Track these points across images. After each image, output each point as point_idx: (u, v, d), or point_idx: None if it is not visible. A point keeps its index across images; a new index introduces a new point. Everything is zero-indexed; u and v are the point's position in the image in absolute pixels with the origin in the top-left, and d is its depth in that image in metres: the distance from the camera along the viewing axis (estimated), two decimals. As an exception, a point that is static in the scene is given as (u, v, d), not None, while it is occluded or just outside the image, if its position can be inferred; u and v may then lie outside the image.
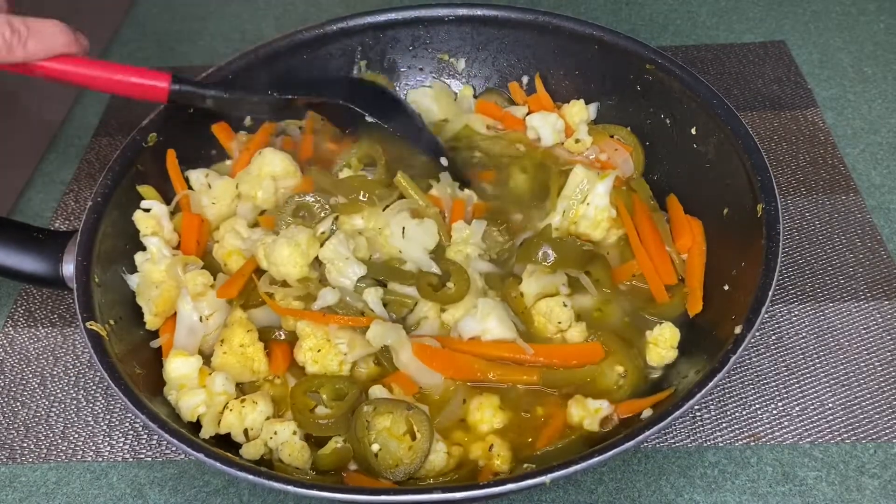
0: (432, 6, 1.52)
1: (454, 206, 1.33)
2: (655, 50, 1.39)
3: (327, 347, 1.15)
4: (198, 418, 1.11)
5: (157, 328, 1.21)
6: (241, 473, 0.95)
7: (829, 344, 1.27)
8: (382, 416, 1.08)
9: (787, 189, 1.49)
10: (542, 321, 1.21)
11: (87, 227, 1.19)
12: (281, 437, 1.09)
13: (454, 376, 1.16)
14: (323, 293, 1.19)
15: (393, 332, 1.15)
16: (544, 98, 1.52)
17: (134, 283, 1.23)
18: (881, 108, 1.65)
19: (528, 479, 0.93)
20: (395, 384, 1.15)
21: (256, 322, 1.22)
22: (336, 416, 1.09)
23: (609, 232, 1.33)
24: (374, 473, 1.06)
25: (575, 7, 1.94)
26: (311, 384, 1.14)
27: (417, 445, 1.06)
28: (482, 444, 1.10)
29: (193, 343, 1.19)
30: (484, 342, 1.18)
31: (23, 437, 1.23)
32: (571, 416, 1.12)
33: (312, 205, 1.30)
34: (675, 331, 1.19)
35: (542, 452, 1.09)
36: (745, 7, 1.91)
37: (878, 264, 1.37)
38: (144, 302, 1.21)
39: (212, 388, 1.12)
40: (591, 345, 1.18)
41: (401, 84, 1.59)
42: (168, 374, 1.13)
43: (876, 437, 1.17)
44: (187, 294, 1.19)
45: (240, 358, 1.16)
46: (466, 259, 1.26)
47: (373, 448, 1.07)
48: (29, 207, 1.57)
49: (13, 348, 1.33)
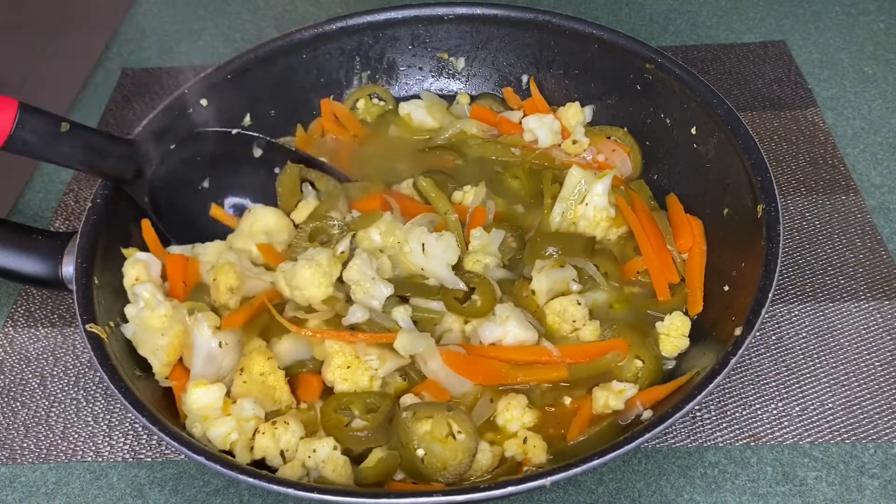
0: (432, 5, 1.52)
1: (475, 213, 1.34)
2: (655, 49, 1.39)
3: (356, 364, 1.13)
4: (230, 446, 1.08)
5: (167, 376, 1.16)
6: (243, 476, 0.95)
7: (829, 344, 1.27)
8: (422, 421, 1.07)
9: (787, 189, 1.49)
10: (557, 320, 1.21)
11: (87, 228, 1.19)
12: (321, 455, 1.06)
13: (483, 382, 1.15)
14: (353, 310, 1.17)
15: (422, 340, 1.14)
16: (539, 101, 1.52)
17: (129, 332, 1.15)
18: (881, 108, 1.65)
19: (529, 481, 0.93)
20: (426, 392, 1.14)
21: (283, 359, 1.18)
22: (373, 428, 1.08)
23: (609, 231, 1.33)
24: (424, 479, 1.05)
25: (575, 7, 1.94)
26: (341, 401, 1.11)
27: (464, 445, 1.05)
28: (516, 440, 1.10)
29: (213, 370, 1.14)
30: (510, 347, 1.17)
31: (23, 437, 1.23)
32: (597, 403, 1.13)
33: (328, 227, 1.28)
34: (685, 319, 1.20)
35: (575, 443, 1.09)
36: (745, 7, 1.91)
37: (878, 264, 1.37)
38: (150, 352, 1.14)
39: (240, 414, 1.08)
40: (615, 341, 1.18)
41: (400, 83, 1.59)
42: (189, 406, 1.08)
43: (876, 437, 1.17)
44: (203, 321, 1.14)
45: (261, 387, 1.12)
46: (485, 269, 1.26)
47: (418, 453, 1.05)
48: (29, 207, 1.57)
49: (13, 348, 1.33)
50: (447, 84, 1.60)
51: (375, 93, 1.58)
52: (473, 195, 1.37)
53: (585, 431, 1.10)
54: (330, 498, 0.93)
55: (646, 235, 1.29)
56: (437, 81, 1.60)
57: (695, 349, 1.19)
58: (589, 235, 1.30)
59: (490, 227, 1.31)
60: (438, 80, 1.60)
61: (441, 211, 1.33)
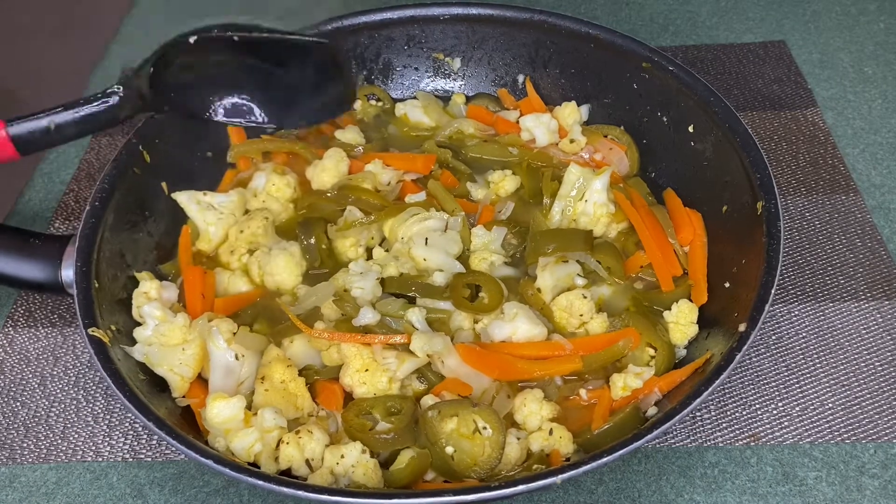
0: (427, 5, 1.52)
1: (483, 211, 1.35)
2: (652, 48, 1.40)
3: (374, 366, 1.13)
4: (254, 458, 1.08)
5: (185, 393, 1.15)
6: (249, 478, 0.94)
7: (829, 344, 1.27)
8: (448, 419, 1.07)
9: (787, 189, 1.49)
10: (564, 316, 1.21)
11: (86, 231, 1.18)
12: (349, 460, 1.05)
13: (501, 377, 1.15)
14: (363, 311, 1.19)
15: (438, 339, 1.15)
16: (535, 101, 1.53)
17: (139, 354, 1.14)
18: (881, 108, 1.65)
19: (539, 479, 0.93)
20: (446, 392, 1.13)
21: (296, 361, 1.18)
22: (399, 429, 1.08)
23: (609, 227, 1.33)
24: (456, 477, 1.05)
25: (575, 7, 1.94)
26: (362, 406, 1.11)
27: (492, 439, 1.05)
28: (541, 434, 1.09)
29: (232, 384, 1.14)
30: (524, 344, 1.18)
31: (23, 437, 1.23)
32: (616, 388, 1.13)
33: (356, 220, 1.31)
34: (691, 306, 1.20)
35: (600, 432, 1.09)
36: (745, 7, 1.91)
37: (878, 264, 1.37)
38: (170, 369, 1.13)
39: (262, 425, 1.07)
40: (626, 330, 1.19)
41: (396, 83, 1.59)
42: (210, 420, 1.07)
43: (876, 437, 1.17)
44: (219, 334, 1.14)
45: (283, 394, 1.12)
46: (491, 266, 1.28)
47: (448, 451, 1.05)
48: (29, 207, 1.57)
49: (13, 348, 1.33)
50: (443, 84, 1.60)
51: (372, 93, 1.58)
52: (483, 196, 1.40)
53: (609, 419, 1.10)
54: (330, 498, 0.93)
55: (647, 229, 1.30)
56: (433, 81, 1.60)
57: (700, 343, 1.19)
58: (587, 230, 1.31)
59: (491, 224, 1.31)
60: (435, 80, 1.60)
61: (448, 210, 1.34)
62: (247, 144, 1.46)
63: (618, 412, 1.11)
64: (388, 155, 1.44)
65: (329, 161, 1.40)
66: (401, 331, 1.18)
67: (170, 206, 1.35)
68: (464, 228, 1.30)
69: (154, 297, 1.20)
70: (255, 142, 1.46)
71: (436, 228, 1.28)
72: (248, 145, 1.46)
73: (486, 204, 1.38)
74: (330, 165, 1.40)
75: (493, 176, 1.42)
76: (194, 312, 1.21)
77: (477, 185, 1.42)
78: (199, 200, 1.34)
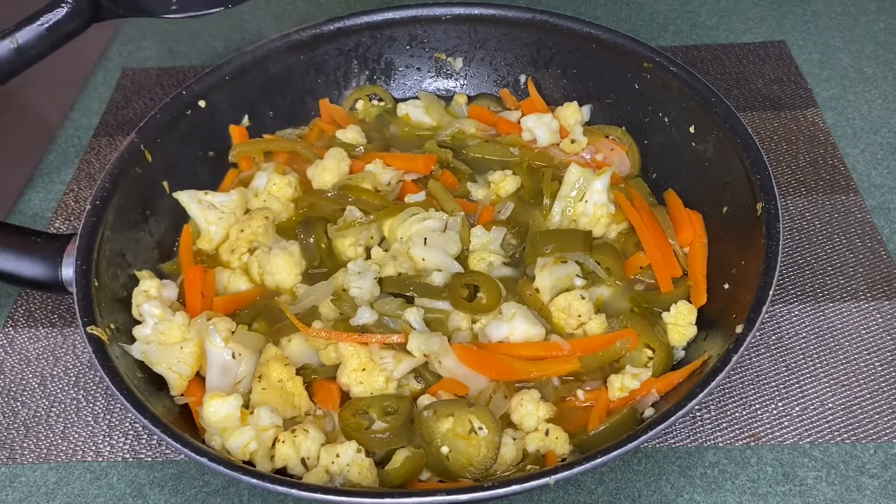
0: (429, 5, 1.52)
1: (483, 211, 1.35)
2: (653, 48, 1.40)
3: (371, 366, 1.13)
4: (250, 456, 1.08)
5: (183, 391, 1.15)
6: (246, 478, 0.94)
7: (829, 344, 1.27)
8: (444, 419, 1.07)
9: (787, 189, 1.49)
10: (563, 317, 1.21)
11: (86, 230, 1.18)
12: (345, 459, 1.05)
13: (498, 377, 1.15)
14: (361, 311, 1.19)
15: (435, 339, 1.15)
16: (537, 101, 1.53)
17: (137, 353, 1.14)
18: (881, 108, 1.65)
19: (533, 480, 0.93)
20: (442, 392, 1.13)
21: (294, 360, 1.18)
22: (394, 429, 1.08)
23: (609, 227, 1.33)
24: (451, 476, 1.05)
25: (575, 7, 1.94)
26: (359, 405, 1.11)
27: (487, 439, 1.05)
28: (537, 434, 1.10)
29: (228, 383, 1.14)
30: (522, 344, 1.17)
31: (23, 437, 1.23)
32: (613, 389, 1.13)
33: (355, 220, 1.31)
34: (690, 307, 1.20)
35: (596, 433, 1.09)
36: (745, 7, 1.91)
37: (878, 264, 1.37)
38: (168, 367, 1.14)
39: (258, 423, 1.07)
40: (624, 331, 1.19)
41: (398, 83, 1.59)
42: (207, 419, 1.07)
43: (876, 437, 1.17)
44: (216, 332, 1.14)
45: (280, 393, 1.13)
46: (490, 267, 1.28)
47: (443, 451, 1.05)
48: (29, 207, 1.57)
49: (13, 348, 1.33)
50: (445, 84, 1.60)
51: (374, 93, 1.58)
52: (483, 197, 1.39)
53: (605, 420, 1.10)
54: (330, 498, 0.93)
55: (646, 230, 1.30)
56: (434, 81, 1.60)
57: (699, 345, 1.19)
58: (586, 230, 1.31)
59: (490, 224, 1.31)
60: (436, 80, 1.60)
61: (448, 210, 1.34)
62: (248, 144, 1.46)
63: (614, 413, 1.11)
64: (388, 155, 1.44)
65: (330, 161, 1.40)
66: (398, 330, 1.18)
67: (171, 205, 1.35)
68: (463, 228, 1.30)
69: (154, 296, 1.20)
70: (256, 141, 1.47)
71: (435, 228, 1.29)
72: (250, 145, 1.46)
73: (485, 204, 1.38)
74: (331, 165, 1.40)
75: (494, 176, 1.42)
76: (194, 311, 1.21)
77: (477, 185, 1.42)
78: (201, 200, 1.34)
